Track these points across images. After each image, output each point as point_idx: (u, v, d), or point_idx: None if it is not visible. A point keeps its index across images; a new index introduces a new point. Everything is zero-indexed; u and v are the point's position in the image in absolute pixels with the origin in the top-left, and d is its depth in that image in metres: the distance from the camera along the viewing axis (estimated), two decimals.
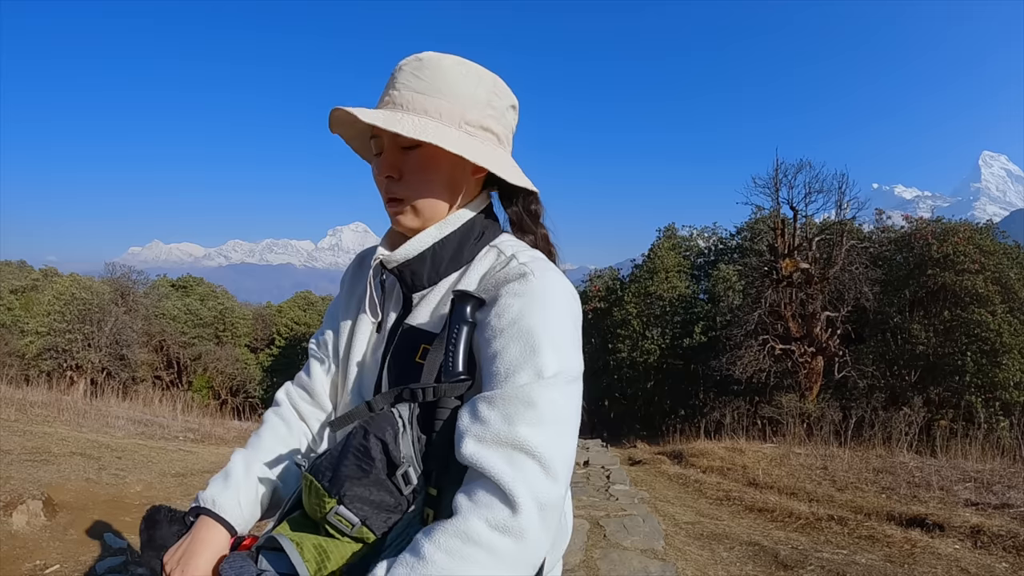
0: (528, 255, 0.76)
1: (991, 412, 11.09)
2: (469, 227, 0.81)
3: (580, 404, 0.70)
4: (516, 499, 0.60)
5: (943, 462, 6.03)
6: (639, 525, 3.96)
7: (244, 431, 7.99)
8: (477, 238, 0.82)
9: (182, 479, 4.49)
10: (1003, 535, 3.82)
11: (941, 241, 12.87)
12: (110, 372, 18.33)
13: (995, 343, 11.54)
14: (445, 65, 0.77)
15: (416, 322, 0.81)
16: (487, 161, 0.77)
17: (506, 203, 0.87)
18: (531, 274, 0.71)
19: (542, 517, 0.62)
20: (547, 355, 0.66)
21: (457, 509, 0.62)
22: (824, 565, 3.44)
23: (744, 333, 12.64)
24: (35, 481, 3.57)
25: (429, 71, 0.77)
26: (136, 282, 21.96)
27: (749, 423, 10.23)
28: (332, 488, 0.68)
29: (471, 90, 0.78)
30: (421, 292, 0.83)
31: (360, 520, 0.68)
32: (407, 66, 0.78)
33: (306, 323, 25.95)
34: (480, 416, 0.65)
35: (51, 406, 6.96)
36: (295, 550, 0.69)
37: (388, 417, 0.69)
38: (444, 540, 0.60)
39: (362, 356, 0.87)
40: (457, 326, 0.71)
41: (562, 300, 0.71)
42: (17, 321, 20.29)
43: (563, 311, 0.71)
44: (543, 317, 0.68)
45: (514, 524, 0.60)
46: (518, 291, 0.70)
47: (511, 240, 0.82)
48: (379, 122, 0.72)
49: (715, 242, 20.74)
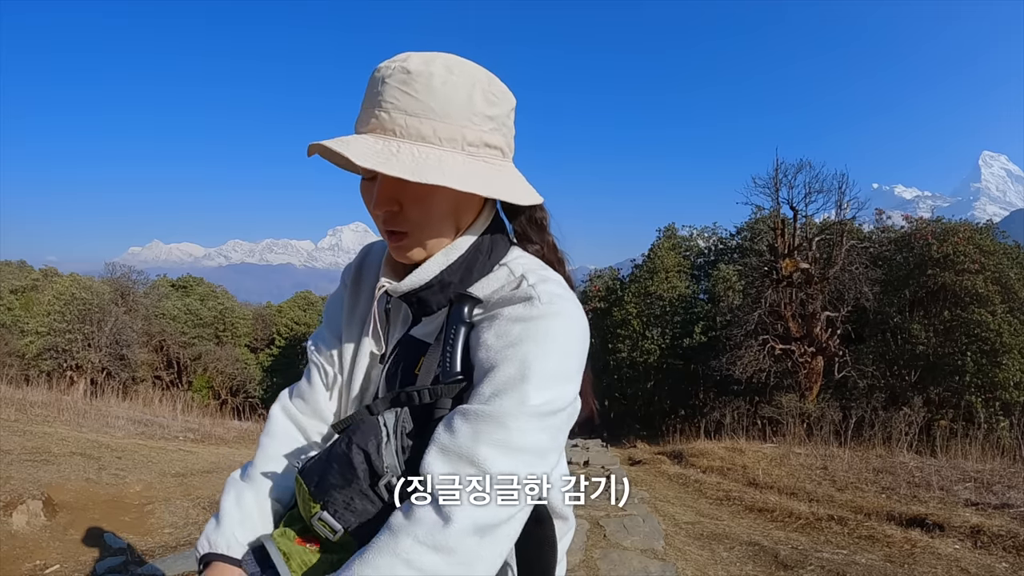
0: (538, 276, 0.72)
1: (991, 412, 11.08)
2: (476, 248, 0.76)
3: (562, 436, 0.68)
4: (450, 514, 0.59)
5: (943, 462, 6.03)
6: (639, 525, 3.96)
7: (244, 431, 7.99)
8: (486, 256, 0.77)
9: (182, 479, 4.49)
10: (1003, 535, 3.82)
11: (941, 241, 12.86)
12: (110, 372, 18.33)
13: (995, 343, 11.54)
14: (436, 76, 0.68)
15: (419, 333, 0.80)
16: (498, 191, 0.71)
17: (510, 214, 0.83)
18: (537, 299, 0.68)
19: (479, 537, 0.60)
20: (534, 385, 0.64)
21: (389, 527, 0.62)
22: (824, 565, 3.44)
23: (744, 333, 12.64)
24: (35, 481, 3.57)
25: (420, 85, 0.68)
26: (136, 282, 21.97)
27: (749, 423, 10.24)
28: (317, 493, 0.69)
29: (467, 102, 0.70)
30: (431, 317, 0.80)
31: (343, 527, 0.68)
32: (392, 79, 0.68)
33: (306, 323, 25.95)
34: (453, 428, 0.64)
35: (51, 406, 6.96)
36: (282, 561, 0.69)
37: (373, 426, 0.68)
38: (372, 558, 0.60)
39: (366, 367, 0.86)
40: (455, 327, 0.71)
41: (564, 331, 0.68)
42: (17, 321, 20.28)
43: (564, 342, 0.68)
44: (541, 347, 0.66)
45: (442, 540, 0.59)
46: (521, 315, 0.68)
47: (523, 258, 0.79)
48: (379, 167, 0.65)
49: (715, 242, 20.73)
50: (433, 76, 0.69)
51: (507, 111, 0.75)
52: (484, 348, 0.68)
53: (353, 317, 0.89)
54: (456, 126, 0.69)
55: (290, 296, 28.85)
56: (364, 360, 0.85)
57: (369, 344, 0.84)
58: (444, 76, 0.69)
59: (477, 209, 0.78)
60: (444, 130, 0.69)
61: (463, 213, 0.76)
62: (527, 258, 0.79)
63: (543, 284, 0.71)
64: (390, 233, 0.74)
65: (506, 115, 0.75)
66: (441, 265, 0.75)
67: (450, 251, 0.75)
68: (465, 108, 0.70)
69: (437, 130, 0.68)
